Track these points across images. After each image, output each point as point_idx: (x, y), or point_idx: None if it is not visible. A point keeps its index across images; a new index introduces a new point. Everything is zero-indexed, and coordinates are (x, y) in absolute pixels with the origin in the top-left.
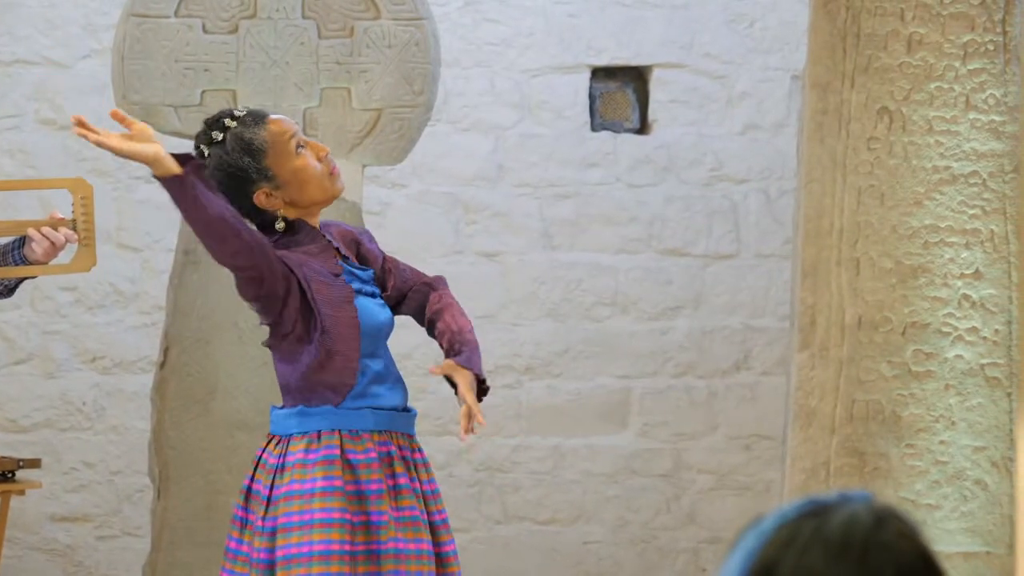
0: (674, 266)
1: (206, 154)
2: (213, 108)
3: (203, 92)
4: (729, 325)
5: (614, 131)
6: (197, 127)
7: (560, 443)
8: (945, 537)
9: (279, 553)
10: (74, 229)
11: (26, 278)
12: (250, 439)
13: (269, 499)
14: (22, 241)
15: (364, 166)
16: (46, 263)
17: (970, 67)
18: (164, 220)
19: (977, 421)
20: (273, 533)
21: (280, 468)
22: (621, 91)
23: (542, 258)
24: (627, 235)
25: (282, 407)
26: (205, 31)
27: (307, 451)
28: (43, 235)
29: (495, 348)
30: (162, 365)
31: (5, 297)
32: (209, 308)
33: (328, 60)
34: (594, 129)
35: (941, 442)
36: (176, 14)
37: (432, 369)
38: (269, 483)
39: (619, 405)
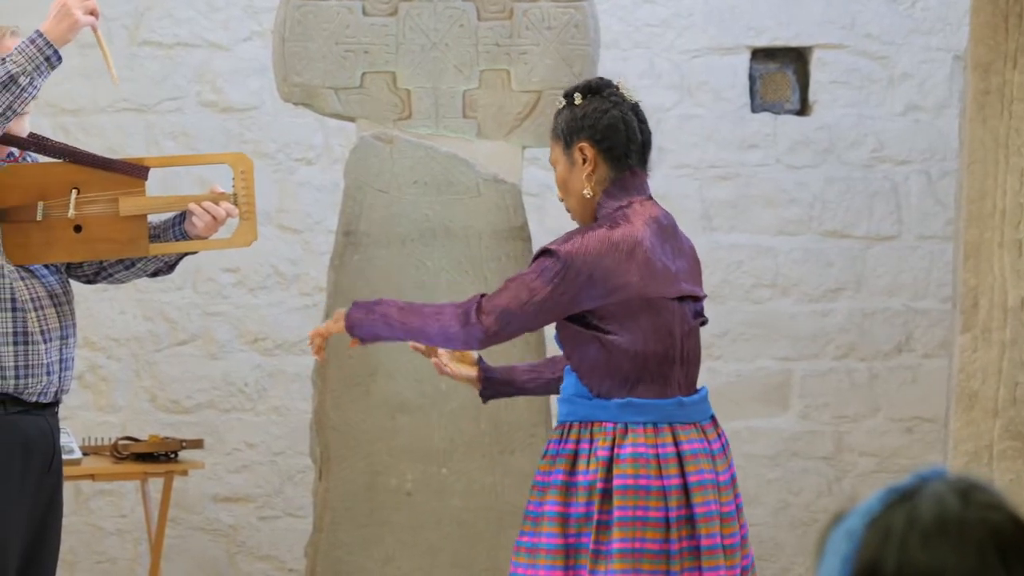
0: (835, 248)
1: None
2: (373, 90)
3: (363, 74)
4: (891, 307)
5: (774, 112)
6: (357, 109)
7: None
8: None
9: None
10: (234, 203)
11: (187, 253)
12: (411, 421)
13: (718, 483)
14: (183, 216)
15: (524, 148)
16: (207, 238)
17: None
18: (325, 201)
19: None
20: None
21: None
22: (781, 72)
23: (702, 240)
24: (787, 217)
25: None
26: (365, 13)
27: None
28: (204, 209)
29: None
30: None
31: (166, 273)
32: (370, 289)
33: (487, 42)
34: (754, 110)
35: None
36: None
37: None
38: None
39: (780, 387)
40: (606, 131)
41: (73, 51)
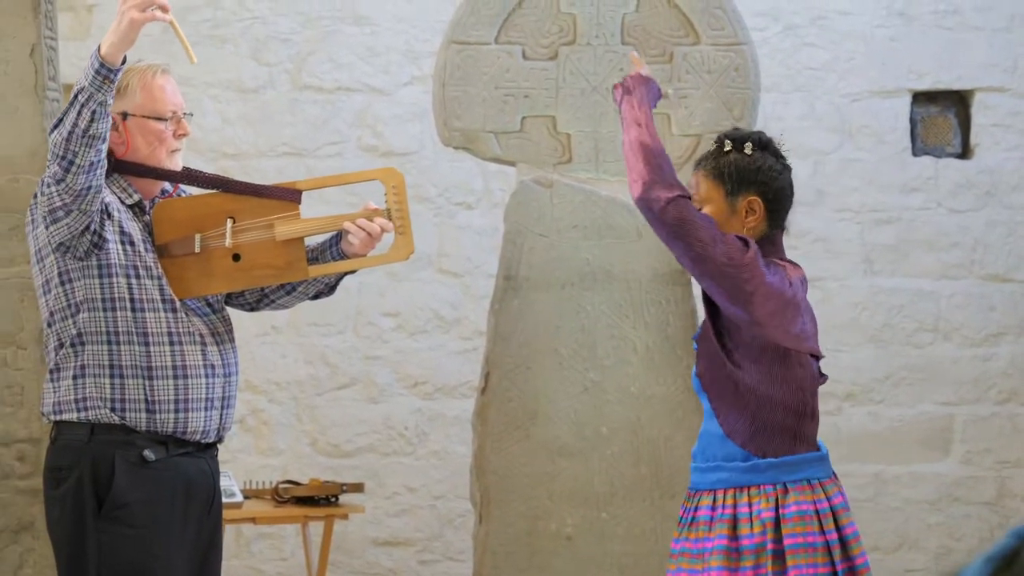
0: (997, 292)
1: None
2: (533, 134)
3: (523, 118)
4: None
5: (936, 156)
6: (517, 153)
7: (882, 470)
8: None
9: None
10: (389, 218)
11: (347, 273)
12: (571, 465)
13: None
14: (339, 237)
15: None
16: (364, 255)
17: None
18: (485, 245)
19: None
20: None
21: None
22: (943, 115)
23: (863, 283)
24: (949, 260)
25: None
26: (525, 57)
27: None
28: (359, 227)
29: None
30: (483, 390)
31: (327, 295)
32: (529, 334)
33: None
34: (915, 154)
35: None
36: (496, 41)
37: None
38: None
39: (941, 432)
40: (778, 193)
41: (234, 96)
